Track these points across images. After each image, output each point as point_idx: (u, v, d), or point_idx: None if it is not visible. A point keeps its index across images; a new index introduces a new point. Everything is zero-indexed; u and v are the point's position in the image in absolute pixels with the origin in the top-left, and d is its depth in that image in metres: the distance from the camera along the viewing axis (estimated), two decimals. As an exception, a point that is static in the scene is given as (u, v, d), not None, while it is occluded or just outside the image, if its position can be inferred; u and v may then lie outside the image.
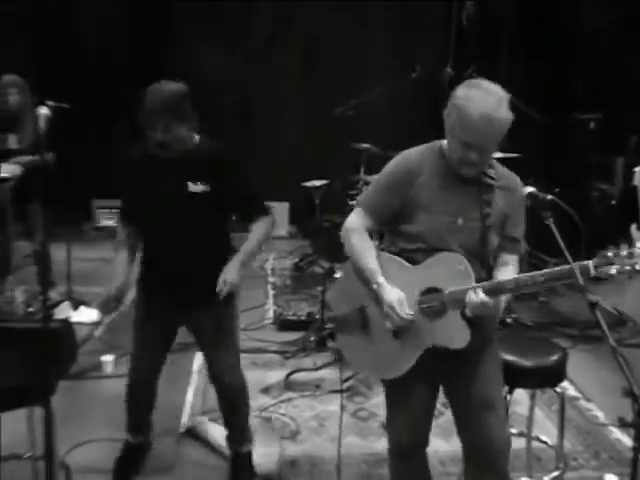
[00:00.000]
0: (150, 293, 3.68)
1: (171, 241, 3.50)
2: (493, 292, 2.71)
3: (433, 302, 2.82)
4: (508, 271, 2.87)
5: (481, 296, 2.68)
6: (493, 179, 2.84)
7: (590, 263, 2.56)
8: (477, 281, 2.76)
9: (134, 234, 3.63)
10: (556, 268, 2.64)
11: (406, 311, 2.81)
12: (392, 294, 2.82)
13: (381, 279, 2.86)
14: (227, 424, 3.90)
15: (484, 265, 2.86)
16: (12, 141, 5.96)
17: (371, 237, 2.99)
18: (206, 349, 3.75)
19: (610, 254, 2.55)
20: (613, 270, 2.54)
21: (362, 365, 3.17)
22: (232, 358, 3.78)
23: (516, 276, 2.77)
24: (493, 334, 3.00)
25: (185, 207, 3.44)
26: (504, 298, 2.85)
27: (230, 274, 3.43)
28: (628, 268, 2.53)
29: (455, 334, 2.79)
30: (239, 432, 3.91)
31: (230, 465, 3.92)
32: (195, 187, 3.41)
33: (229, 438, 3.92)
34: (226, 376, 3.75)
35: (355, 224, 2.97)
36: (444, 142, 2.86)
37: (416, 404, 2.99)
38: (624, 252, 2.55)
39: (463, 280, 2.75)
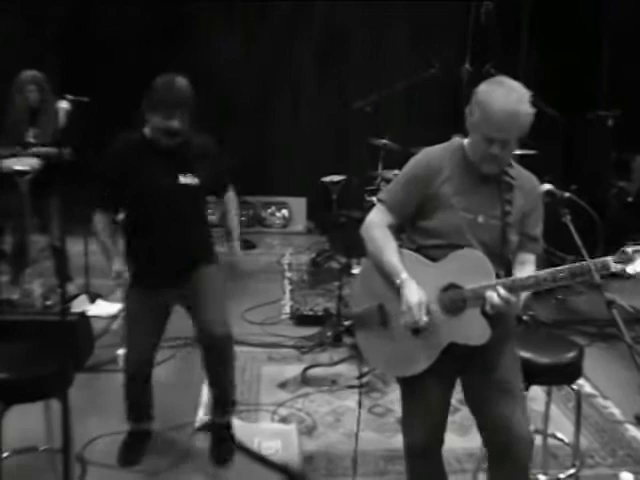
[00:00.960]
0: (141, 281, 3.85)
1: (162, 228, 3.73)
2: (513, 289, 2.71)
3: (453, 299, 2.82)
4: (526, 269, 2.87)
5: (502, 292, 2.68)
6: (513, 178, 2.85)
7: (609, 259, 2.57)
8: (496, 278, 2.76)
9: (111, 221, 3.85)
10: (576, 264, 2.63)
11: (423, 315, 2.80)
12: (414, 294, 2.81)
13: (404, 274, 2.85)
14: (214, 384, 3.99)
15: (503, 263, 2.86)
16: (31, 135, 5.97)
17: (398, 236, 2.99)
18: (197, 305, 3.85)
19: (630, 250, 2.54)
20: (631, 270, 2.53)
21: (380, 362, 3.14)
22: (223, 310, 3.90)
23: (535, 273, 2.76)
24: (511, 331, 3.00)
25: (176, 197, 3.70)
26: (522, 296, 2.85)
27: (237, 254, 3.99)
28: None
29: (475, 331, 2.79)
30: (225, 395, 4.01)
31: (211, 436, 4.04)
32: (185, 179, 3.71)
33: (214, 403, 4.05)
34: (217, 327, 3.79)
35: (376, 220, 2.96)
36: (465, 141, 2.89)
37: (432, 403, 2.98)
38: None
39: (483, 277, 2.75)
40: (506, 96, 2.67)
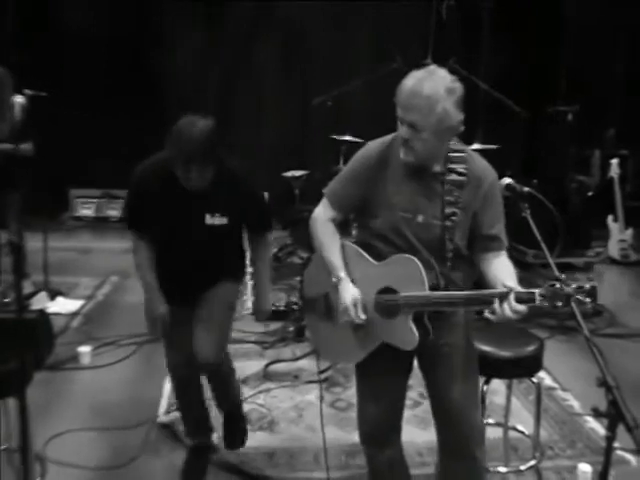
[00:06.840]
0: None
1: (186, 266, 3.58)
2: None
3: (388, 303, 2.81)
4: (504, 265, 2.78)
5: (515, 305, 2.52)
6: (463, 175, 2.76)
7: (537, 292, 2.50)
8: (439, 275, 2.74)
9: (147, 242, 3.61)
10: (485, 291, 2.66)
11: (359, 313, 2.82)
12: (348, 294, 2.83)
13: (342, 274, 2.88)
14: (218, 405, 3.97)
15: (444, 261, 2.78)
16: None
17: (346, 226, 2.98)
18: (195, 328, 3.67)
19: (558, 286, 2.49)
20: (559, 303, 2.49)
21: (321, 345, 3.23)
22: (214, 335, 3.65)
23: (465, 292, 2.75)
24: (460, 319, 2.94)
25: (202, 237, 3.49)
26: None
27: (267, 305, 3.89)
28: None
29: (404, 336, 2.79)
30: (231, 415, 3.98)
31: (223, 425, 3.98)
32: (212, 219, 3.46)
33: (225, 423, 3.97)
34: (204, 355, 3.61)
35: (320, 214, 2.99)
36: None
37: (385, 391, 3.00)
38: (573, 285, 2.51)
39: (417, 286, 2.73)
40: (421, 79, 2.61)
